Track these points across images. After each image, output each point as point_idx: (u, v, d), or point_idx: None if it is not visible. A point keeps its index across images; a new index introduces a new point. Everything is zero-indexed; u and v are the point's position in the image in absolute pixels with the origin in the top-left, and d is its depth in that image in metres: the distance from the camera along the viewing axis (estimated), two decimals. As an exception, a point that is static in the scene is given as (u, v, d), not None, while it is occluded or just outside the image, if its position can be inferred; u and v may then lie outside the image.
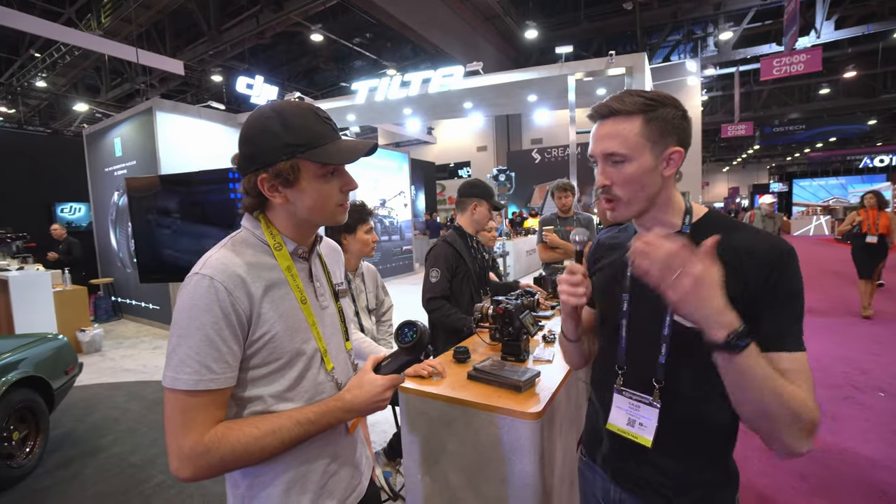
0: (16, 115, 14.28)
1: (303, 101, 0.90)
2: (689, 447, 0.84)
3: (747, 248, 0.78)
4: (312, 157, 0.79)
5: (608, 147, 0.82)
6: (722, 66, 14.11)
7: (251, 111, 0.93)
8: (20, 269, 4.94)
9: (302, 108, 0.82)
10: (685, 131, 0.83)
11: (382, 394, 0.84)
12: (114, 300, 6.87)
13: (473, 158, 19.16)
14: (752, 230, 0.82)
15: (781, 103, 18.76)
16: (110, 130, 6.85)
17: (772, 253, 0.77)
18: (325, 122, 0.82)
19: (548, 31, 13.73)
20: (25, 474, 2.65)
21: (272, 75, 13.82)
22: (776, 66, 9.74)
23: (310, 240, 0.92)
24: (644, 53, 5.15)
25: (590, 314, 1.07)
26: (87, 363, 4.72)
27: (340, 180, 0.86)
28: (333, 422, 0.83)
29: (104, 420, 3.41)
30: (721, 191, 33.85)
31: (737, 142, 24.17)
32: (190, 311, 0.73)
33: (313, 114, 0.82)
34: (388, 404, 0.88)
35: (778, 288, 0.75)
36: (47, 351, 3.02)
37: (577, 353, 1.03)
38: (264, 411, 0.81)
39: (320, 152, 0.79)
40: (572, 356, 1.05)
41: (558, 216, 3.48)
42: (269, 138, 0.78)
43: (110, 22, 9.90)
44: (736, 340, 0.64)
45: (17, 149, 8.12)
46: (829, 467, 2.45)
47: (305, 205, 0.83)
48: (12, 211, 7.78)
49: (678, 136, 0.82)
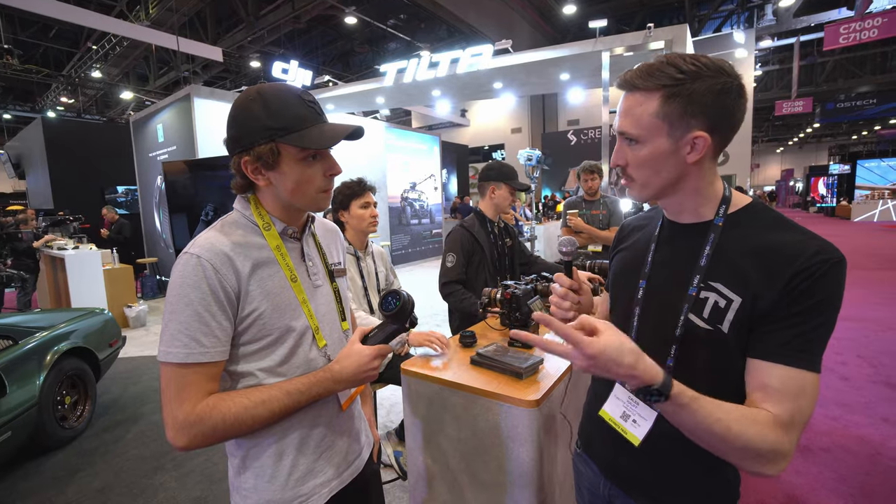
0: (75, 104, 15.29)
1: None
2: (684, 453, 0.78)
3: (785, 252, 0.68)
4: (291, 141, 0.79)
5: (622, 125, 0.76)
6: (780, 36, 12.96)
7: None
8: (76, 248, 5.33)
9: (285, 91, 0.82)
10: (722, 110, 0.69)
11: (370, 363, 0.85)
12: (158, 279, 7.31)
13: (507, 140, 18.80)
14: (795, 228, 0.71)
15: (850, 75, 17.07)
16: (153, 117, 7.20)
17: (819, 260, 0.65)
18: (308, 106, 0.82)
19: (587, 6, 13.09)
20: (77, 435, 2.90)
21: (308, 59, 14.03)
22: (844, 34, 8.86)
23: (300, 220, 0.92)
24: (686, 26, 4.78)
25: (604, 303, 1.03)
26: (133, 337, 5.09)
27: (323, 164, 0.85)
28: (323, 392, 0.84)
29: (146, 390, 3.66)
30: (773, 173, 31.65)
31: (794, 120, 22.39)
32: (180, 289, 0.76)
33: (297, 97, 0.82)
34: (378, 374, 0.89)
35: (807, 295, 0.65)
36: (95, 324, 3.26)
37: None
38: (257, 385, 0.83)
39: (299, 136, 0.80)
40: None
41: (584, 199, 3.35)
42: (251, 121, 0.80)
43: (157, 12, 10.33)
44: (649, 397, 0.64)
45: (76, 136, 8.72)
46: (872, 473, 2.27)
47: (287, 187, 0.83)
48: (70, 195, 8.41)
49: (706, 118, 0.69)
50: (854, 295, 5.86)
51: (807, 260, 0.66)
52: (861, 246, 10.64)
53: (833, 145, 27.01)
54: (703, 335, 0.73)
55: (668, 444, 0.78)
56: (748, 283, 0.69)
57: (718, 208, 0.77)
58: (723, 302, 0.71)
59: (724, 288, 0.72)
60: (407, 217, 9.92)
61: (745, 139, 12.21)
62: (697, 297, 0.74)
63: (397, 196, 9.59)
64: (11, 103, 14.80)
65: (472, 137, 19.36)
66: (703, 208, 0.78)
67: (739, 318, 0.70)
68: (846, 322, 4.68)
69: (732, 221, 0.76)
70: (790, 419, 0.65)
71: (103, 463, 2.61)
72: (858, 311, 5.11)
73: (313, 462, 0.90)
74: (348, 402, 0.97)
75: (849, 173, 20.34)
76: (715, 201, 0.77)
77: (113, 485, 2.40)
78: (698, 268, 0.75)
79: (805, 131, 25.69)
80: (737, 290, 0.70)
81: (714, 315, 0.72)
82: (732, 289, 0.71)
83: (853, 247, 10.53)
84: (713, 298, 0.72)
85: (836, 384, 3.27)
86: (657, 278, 0.83)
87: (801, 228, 0.71)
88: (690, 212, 0.80)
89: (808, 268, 0.65)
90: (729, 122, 0.71)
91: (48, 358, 2.75)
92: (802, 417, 0.66)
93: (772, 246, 0.69)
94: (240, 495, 0.88)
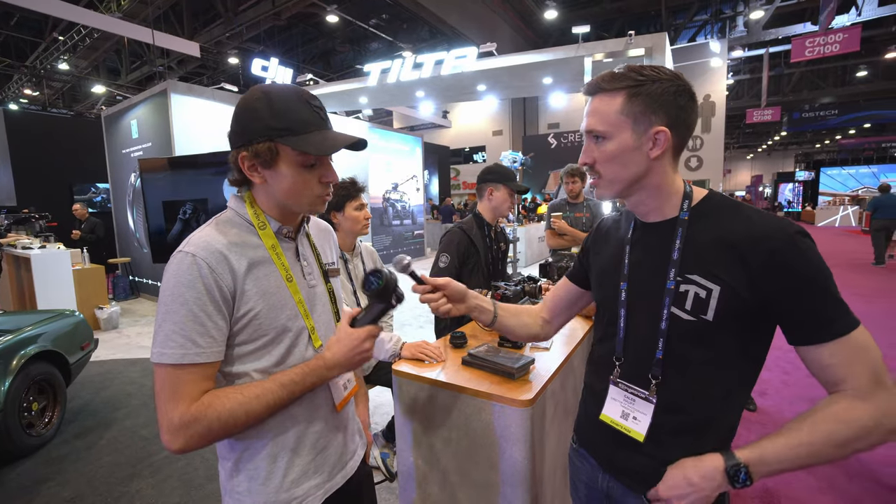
0: (40, 97, 14.61)
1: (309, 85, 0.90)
2: (683, 443, 0.81)
3: (749, 234, 0.72)
4: (291, 144, 0.79)
5: (590, 124, 0.81)
6: (751, 47, 13.46)
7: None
8: (42, 248, 5.10)
9: (291, 93, 0.81)
10: (679, 110, 0.76)
11: (361, 345, 0.85)
12: (131, 279, 7.06)
13: (489, 143, 18.92)
14: (754, 212, 0.76)
15: (813, 87, 17.86)
16: (127, 112, 6.95)
17: (777, 236, 0.70)
18: (314, 111, 0.82)
19: (568, 12, 13.31)
20: (44, 443, 2.77)
21: (288, 58, 13.78)
22: (809, 47, 9.28)
23: (295, 220, 0.92)
24: (665, 34, 4.93)
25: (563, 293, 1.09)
26: (105, 339, 4.89)
27: (321, 171, 0.85)
28: (317, 381, 0.83)
29: (119, 394, 3.53)
30: (744, 179, 32.83)
31: (763, 128, 23.28)
32: (174, 288, 0.74)
33: (303, 100, 0.81)
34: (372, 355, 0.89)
35: (790, 274, 0.69)
36: (64, 327, 3.12)
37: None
38: None
39: (300, 140, 0.79)
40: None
41: (568, 202, 3.41)
42: (254, 118, 0.80)
43: (129, 4, 9.96)
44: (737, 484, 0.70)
45: (41, 131, 8.34)
46: (837, 465, 2.38)
47: (282, 188, 0.83)
48: (36, 191, 8.04)
49: (666, 115, 0.76)
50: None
51: (768, 240, 0.70)
52: (826, 249, 11.14)
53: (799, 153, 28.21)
54: (689, 327, 0.76)
55: (669, 437, 0.81)
56: (723, 270, 0.73)
57: (682, 203, 0.81)
58: (703, 292, 0.75)
59: (701, 279, 0.75)
60: (389, 218, 9.87)
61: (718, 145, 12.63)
62: (677, 291, 0.77)
63: (379, 197, 9.53)
64: (-31, 94, 14.04)
65: (453, 139, 19.41)
66: (667, 205, 0.82)
67: (725, 305, 0.73)
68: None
69: (696, 214, 0.80)
70: (869, 379, 0.68)
71: (74, 471, 2.50)
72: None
73: (308, 464, 0.89)
74: (343, 402, 0.96)
75: (813, 180, 21.31)
76: (678, 198, 0.82)
77: (85, 494, 2.30)
78: (672, 262, 0.79)
79: (773, 139, 26.75)
80: (712, 279, 0.74)
81: (697, 306, 0.75)
82: (709, 278, 0.74)
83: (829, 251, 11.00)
84: (693, 290, 0.76)
85: (814, 382, 3.39)
86: (636, 278, 0.86)
87: (759, 211, 0.76)
88: (656, 211, 0.84)
89: (772, 247, 0.70)
90: (685, 121, 0.78)
91: (14, 363, 2.62)
92: (877, 366, 0.68)
93: (738, 231, 0.74)
94: (233, 499, 0.86)
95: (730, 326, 0.74)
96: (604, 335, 0.94)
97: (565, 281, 1.09)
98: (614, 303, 0.89)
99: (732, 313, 0.73)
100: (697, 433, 0.80)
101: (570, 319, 1.14)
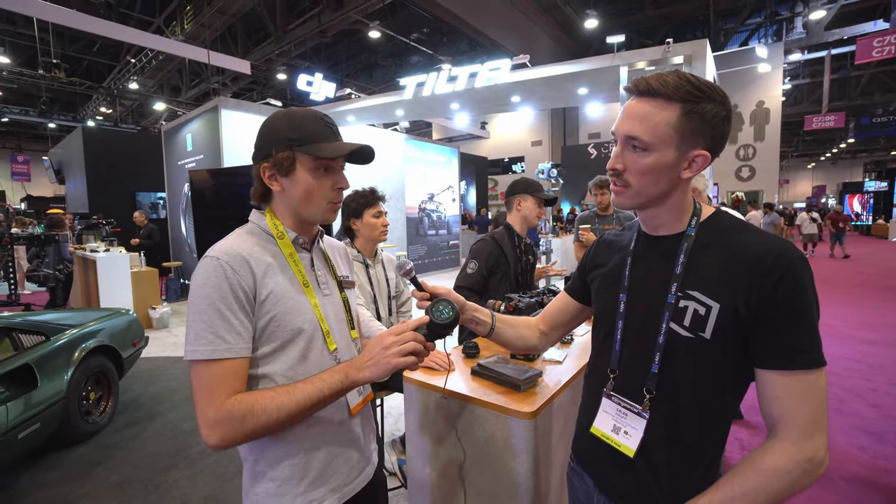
0: (113, 114, 16.08)
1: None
2: (675, 460, 0.79)
3: (752, 255, 0.72)
4: (306, 150, 0.88)
5: (633, 129, 0.75)
6: (811, 49, 12.67)
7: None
8: (106, 251, 5.59)
9: (308, 113, 0.93)
10: (722, 136, 0.75)
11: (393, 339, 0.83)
12: (182, 282, 7.56)
13: (528, 153, 18.81)
14: (758, 233, 0.75)
15: (887, 89, 16.47)
16: (183, 127, 7.52)
17: (779, 260, 0.70)
18: (326, 125, 0.92)
19: (608, 20, 13.09)
20: (99, 430, 3.02)
21: (333, 72, 14.42)
22: (877, 47, 8.61)
23: (311, 232, 0.99)
24: (706, 41, 4.74)
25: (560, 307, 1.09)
26: (155, 337, 5.27)
27: (333, 177, 0.92)
28: (345, 380, 0.84)
29: (164, 389, 3.79)
30: (804, 189, 30.58)
31: (826, 135, 21.66)
32: (202, 290, 0.81)
33: (318, 118, 0.92)
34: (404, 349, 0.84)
35: (783, 300, 0.69)
36: (120, 324, 3.40)
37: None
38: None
39: (313, 147, 0.88)
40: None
41: (597, 214, 3.34)
42: (275, 133, 0.90)
43: (191, 27, 10.84)
44: None
45: (112, 145, 9.20)
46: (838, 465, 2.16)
47: (298, 193, 0.90)
48: (104, 199, 8.83)
49: (711, 139, 0.74)
50: (889, 318, 5.61)
51: (770, 262, 0.70)
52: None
53: (869, 161, 26.01)
54: (686, 343, 0.75)
55: (660, 453, 0.79)
56: (723, 288, 0.73)
57: (690, 220, 0.81)
58: (702, 309, 0.74)
59: (702, 295, 0.74)
60: (424, 228, 10.01)
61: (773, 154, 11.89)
62: (677, 306, 0.77)
63: (415, 207, 9.70)
64: (56, 113, 15.67)
65: (491, 149, 19.44)
66: (679, 221, 0.82)
67: (723, 323, 0.72)
68: (879, 347, 4.48)
69: (703, 231, 0.80)
70: (809, 422, 0.68)
71: (121, 458, 2.71)
72: (893, 336, 4.89)
73: (324, 468, 0.91)
74: (358, 406, 0.99)
75: (886, 190, 19.51)
76: (688, 214, 0.82)
77: (130, 480, 2.48)
78: (675, 276, 0.78)
79: (839, 146, 24.82)
80: (713, 296, 0.73)
81: (695, 323, 0.74)
82: (709, 295, 0.74)
83: (890, 267, 10.06)
84: (692, 307, 0.75)
85: (864, 411, 3.12)
86: (636, 291, 0.85)
87: (765, 232, 0.75)
88: (666, 225, 0.83)
89: (772, 269, 0.69)
90: (721, 148, 0.77)
91: (76, 354, 2.89)
92: (820, 412, 0.68)
93: (739, 252, 0.73)
94: (252, 501, 0.90)
95: (726, 345, 0.73)
96: (600, 347, 0.93)
97: (564, 295, 1.09)
98: (612, 314, 0.88)
99: (730, 332, 0.72)
100: (689, 449, 0.78)
101: (568, 332, 1.14)
